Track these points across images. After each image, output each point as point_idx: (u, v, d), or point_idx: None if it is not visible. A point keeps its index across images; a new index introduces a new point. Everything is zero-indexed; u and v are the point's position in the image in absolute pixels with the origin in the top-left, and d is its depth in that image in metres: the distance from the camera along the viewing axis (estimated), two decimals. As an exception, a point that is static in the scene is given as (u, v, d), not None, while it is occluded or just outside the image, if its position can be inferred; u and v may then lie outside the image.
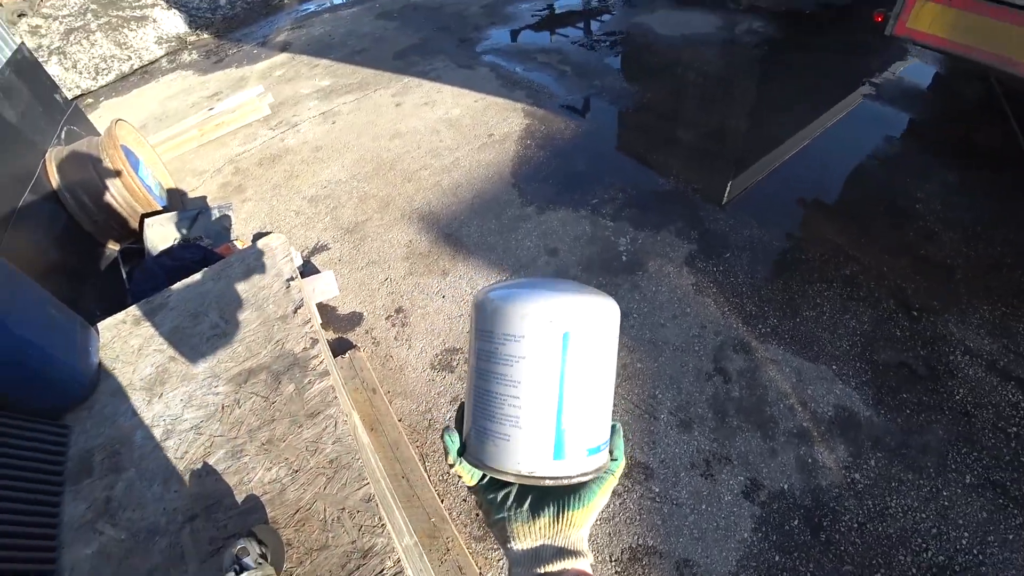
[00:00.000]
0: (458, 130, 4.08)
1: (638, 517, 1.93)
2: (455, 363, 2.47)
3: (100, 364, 1.75)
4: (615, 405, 2.27)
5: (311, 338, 1.47)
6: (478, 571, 1.81)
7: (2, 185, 2.53)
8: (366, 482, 1.18)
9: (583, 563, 0.48)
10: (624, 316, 2.56)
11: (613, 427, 0.53)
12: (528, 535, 0.48)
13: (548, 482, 0.45)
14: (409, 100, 4.62)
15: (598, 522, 1.95)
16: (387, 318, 2.73)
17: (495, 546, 1.96)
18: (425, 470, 2.05)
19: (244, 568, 1.01)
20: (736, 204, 3.12)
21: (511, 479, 0.46)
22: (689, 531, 1.89)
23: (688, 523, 1.90)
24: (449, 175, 3.62)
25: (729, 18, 5.23)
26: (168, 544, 1.24)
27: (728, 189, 3.25)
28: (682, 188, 3.27)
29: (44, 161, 3.00)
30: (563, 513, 0.48)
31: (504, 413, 0.45)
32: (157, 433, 1.46)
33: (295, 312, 1.57)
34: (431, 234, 3.19)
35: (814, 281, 2.62)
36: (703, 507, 1.94)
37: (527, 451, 0.45)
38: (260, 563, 1.04)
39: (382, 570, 1.08)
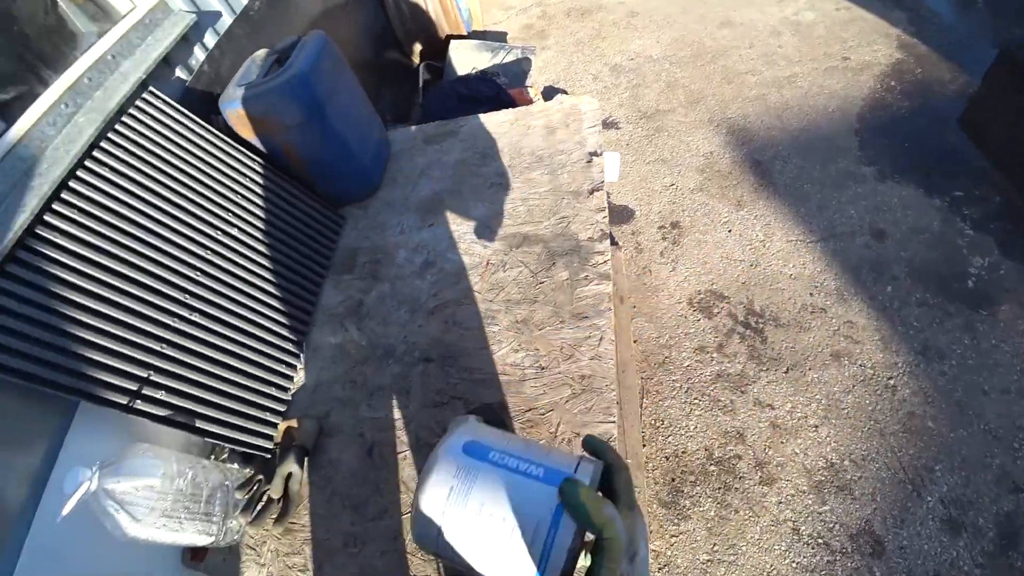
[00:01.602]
0: (805, 39, 3.49)
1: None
2: (716, 311, 2.27)
3: (385, 170, 1.87)
4: (873, 456, 1.96)
5: (601, 230, 1.37)
6: (649, 530, 1.74)
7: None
8: (612, 419, 1.10)
9: None
10: (938, 356, 2.09)
11: (606, 466, 0.53)
12: None
13: None
14: (756, -15, 4.06)
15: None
16: (659, 228, 2.57)
17: (676, 519, 1.87)
18: (641, 406, 1.98)
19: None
20: None
21: None
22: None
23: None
24: (779, 91, 3.15)
25: None
26: (399, 373, 1.31)
27: None
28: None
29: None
30: None
31: None
32: (418, 260, 1.53)
33: (590, 193, 1.48)
34: (737, 153, 2.85)
35: None
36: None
37: None
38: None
39: (594, 516, 1.01)
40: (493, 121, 1.87)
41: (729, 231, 2.52)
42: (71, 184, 1.14)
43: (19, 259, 1.04)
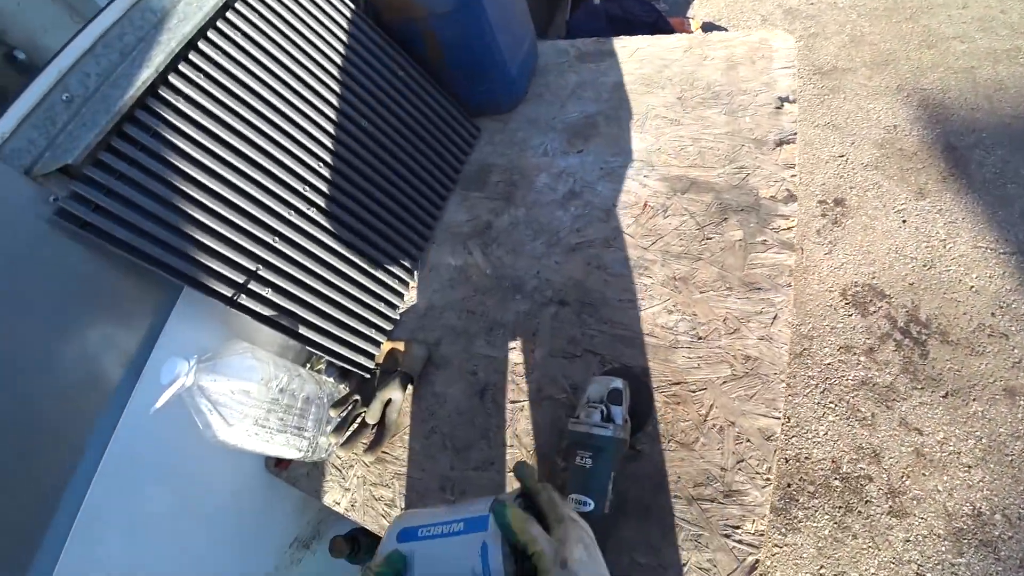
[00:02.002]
0: (1042, 11, 2.99)
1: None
2: (872, 309, 2.02)
3: (530, 84, 1.72)
4: None
5: (787, 190, 1.18)
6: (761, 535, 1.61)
7: None
8: (776, 414, 0.94)
9: None
10: None
11: (528, 491, 0.61)
12: None
13: None
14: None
15: None
16: (820, 203, 2.30)
17: (783, 529, 1.73)
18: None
19: (610, 418, 0.88)
20: None
21: None
22: None
23: None
24: (994, 66, 2.70)
25: None
26: (526, 311, 1.19)
27: None
28: None
29: None
30: None
31: None
32: (561, 188, 1.38)
33: (778, 145, 1.27)
34: (928, 132, 2.48)
35: None
36: None
37: None
38: (626, 421, 0.90)
39: (737, 527, 0.87)
40: (663, 45, 1.66)
41: (904, 221, 2.21)
42: (200, 45, 1.05)
43: (138, 120, 0.96)
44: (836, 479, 1.79)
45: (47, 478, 0.86)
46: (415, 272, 1.36)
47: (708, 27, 3.11)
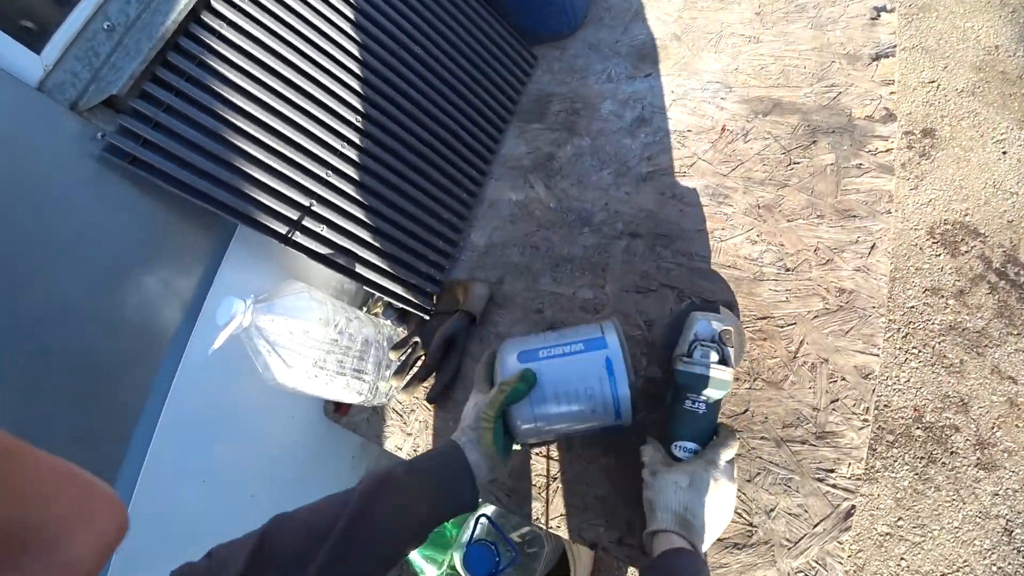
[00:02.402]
0: None
1: None
2: (964, 249, 1.89)
3: (589, 7, 1.62)
4: None
5: (886, 108, 1.08)
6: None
7: None
8: (875, 351, 0.88)
9: None
10: None
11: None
12: None
13: None
14: None
15: None
16: (906, 133, 2.14)
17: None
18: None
19: (725, 359, 0.82)
20: None
21: None
22: None
23: None
24: None
25: None
26: (595, 245, 1.14)
27: None
28: None
29: None
30: None
31: None
32: (629, 115, 1.31)
33: (874, 60, 1.16)
34: (1035, 57, 2.29)
35: None
36: None
37: None
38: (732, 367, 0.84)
39: (832, 470, 0.83)
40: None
41: (1004, 152, 2.04)
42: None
43: (182, 48, 0.93)
44: (918, 428, 1.71)
45: (117, 419, 0.86)
46: (473, 208, 1.32)
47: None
